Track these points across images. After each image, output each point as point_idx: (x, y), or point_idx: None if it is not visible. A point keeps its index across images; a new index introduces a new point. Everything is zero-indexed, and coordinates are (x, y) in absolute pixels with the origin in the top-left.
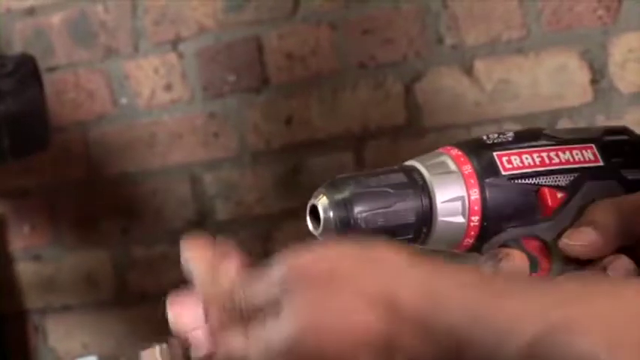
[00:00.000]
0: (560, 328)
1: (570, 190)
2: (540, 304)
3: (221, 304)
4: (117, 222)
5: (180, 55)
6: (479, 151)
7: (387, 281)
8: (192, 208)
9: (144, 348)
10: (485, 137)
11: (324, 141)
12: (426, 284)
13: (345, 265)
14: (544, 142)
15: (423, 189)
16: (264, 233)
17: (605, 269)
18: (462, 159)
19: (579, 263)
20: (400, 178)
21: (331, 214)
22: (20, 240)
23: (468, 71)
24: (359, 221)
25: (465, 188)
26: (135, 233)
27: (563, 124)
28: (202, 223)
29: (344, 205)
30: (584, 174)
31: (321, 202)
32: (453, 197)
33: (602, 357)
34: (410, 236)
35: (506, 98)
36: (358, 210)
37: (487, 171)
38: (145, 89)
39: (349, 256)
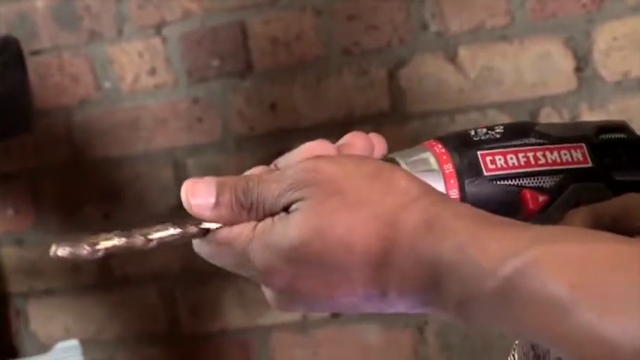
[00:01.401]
0: (531, 266)
1: (554, 192)
2: (523, 245)
3: (233, 187)
4: (100, 206)
5: (165, 40)
6: (463, 149)
7: (395, 205)
8: (175, 193)
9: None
10: (473, 132)
11: (308, 127)
12: (426, 212)
13: (359, 180)
14: (532, 141)
15: None
16: None
17: None
18: (445, 157)
19: None
20: None
21: None
22: (3, 224)
23: (452, 58)
24: None
25: (444, 188)
26: (117, 218)
27: (547, 111)
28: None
29: None
30: (570, 176)
31: None
32: None
33: (564, 296)
34: None
35: (490, 85)
36: None
37: (469, 171)
38: (128, 74)
39: (365, 173)
